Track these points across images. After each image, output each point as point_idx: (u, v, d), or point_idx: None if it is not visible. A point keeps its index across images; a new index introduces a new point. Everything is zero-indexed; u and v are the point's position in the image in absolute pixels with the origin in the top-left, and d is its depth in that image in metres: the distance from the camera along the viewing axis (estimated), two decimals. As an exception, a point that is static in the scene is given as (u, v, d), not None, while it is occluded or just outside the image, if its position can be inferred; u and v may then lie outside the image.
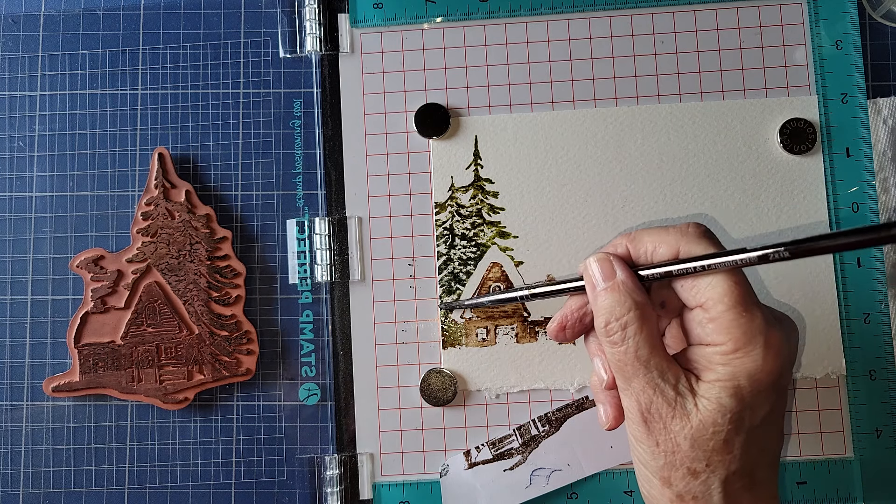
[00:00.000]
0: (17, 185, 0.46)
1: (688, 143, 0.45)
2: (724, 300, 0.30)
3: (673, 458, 0.31)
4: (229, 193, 0.46)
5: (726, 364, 0.30)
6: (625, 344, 0.32)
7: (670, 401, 0.31)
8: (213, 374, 0.44)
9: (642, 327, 0.32)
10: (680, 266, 0.31)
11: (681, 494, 0.31)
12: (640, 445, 0.32)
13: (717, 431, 0.30)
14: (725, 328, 0.30)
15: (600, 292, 0.33)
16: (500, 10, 0.45)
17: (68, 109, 0.46)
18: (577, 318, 0.36)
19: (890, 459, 0.42)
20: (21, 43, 0.47)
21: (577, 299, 0.36)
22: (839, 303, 0.43)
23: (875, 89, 0.45)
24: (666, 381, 0.31)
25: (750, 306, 0.31)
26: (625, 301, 0.32)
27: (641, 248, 0.33)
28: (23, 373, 0.45)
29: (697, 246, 0.32)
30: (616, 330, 0.32)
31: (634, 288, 0.32)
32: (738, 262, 0.30)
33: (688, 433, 0.31)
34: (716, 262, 0.31)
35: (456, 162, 0.45)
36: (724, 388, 0.30)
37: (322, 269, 0.45)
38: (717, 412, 0.30)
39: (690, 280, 0.32)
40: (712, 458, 0.31)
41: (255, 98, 0.46)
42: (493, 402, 0.44)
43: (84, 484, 0.44)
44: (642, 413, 0.31)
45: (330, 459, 0.44)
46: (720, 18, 0.45)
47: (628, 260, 0.34)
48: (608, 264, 0.33)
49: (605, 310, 0.32)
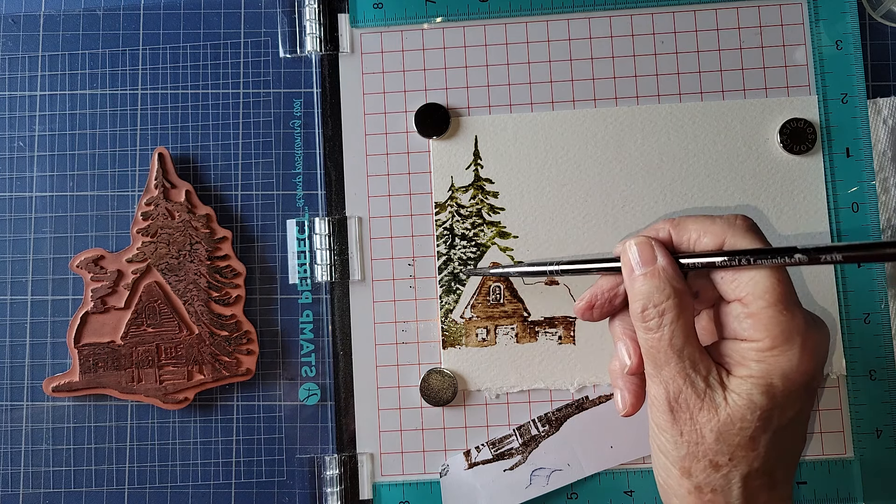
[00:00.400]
0: (17, 185, 0.46)
1: (688, 143, 0.45)
2: (766, 297, 0.30)
3: (696, 448, 0.31)
4: (229, 193, 0.46)
5: (761, 361, 0.30)
6: (660, 331, 0.31)
7: (700, 392, 0.31)
8: (213, 374, 0.44)
9: (679, 315, 0.31)
10: (725, 258, 0.31)
11: (700, 486, 0.31)
12: (662, 434, 0.32)
13: (744, 427, 0.30)
14: (764, 325, 0.30)
15: (638, 277, 0.32)
16: (500, 10, 0.45)
17: (68, 109, 0.46)
18: (606, 299, 0.35)
19: (890, 459, 0.42)
20: (21, 43, 0.47)
21: (608, 279, 0.35)
22: (839, 303, 0.43)
23: (875, 89, 0.45)
24: (697, 371, 0.31)
25: (791, 305, 0.30)
26: (664, 288, 0.32)
27: (685, 235, 0.33)
28: (23, 373, 0.45)
29: (744, 239, 0.31)
30: (653, 316, 0.32)
31: (675, 275, 0.32)
32: (787, 260, 0.30)
33: (714, 426, 0.30)
34: (765, 259, 0.30)
35: (456, 162, 0.45)
36: (757, 384, 0.30)
37: (322, 269, 0.45)
38: (746, 408, 0.30)
39: (731, 273, 0.31)
40: (736, 452, 0.31)
41: (255, 98, 0.46)
42: (493, 402, 0.44)
43: (84, 484, 0.44)
44: (669, 402, 0.31)
45: (330, 459, 0.44)
46: (720, 18, 0.45)
47: (669, 245, 0.33)
48: (649, 248, 0.32)
49: (643, 295, 0.32)
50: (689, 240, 0.33)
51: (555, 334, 0.44)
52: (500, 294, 0.44)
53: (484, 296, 0.44)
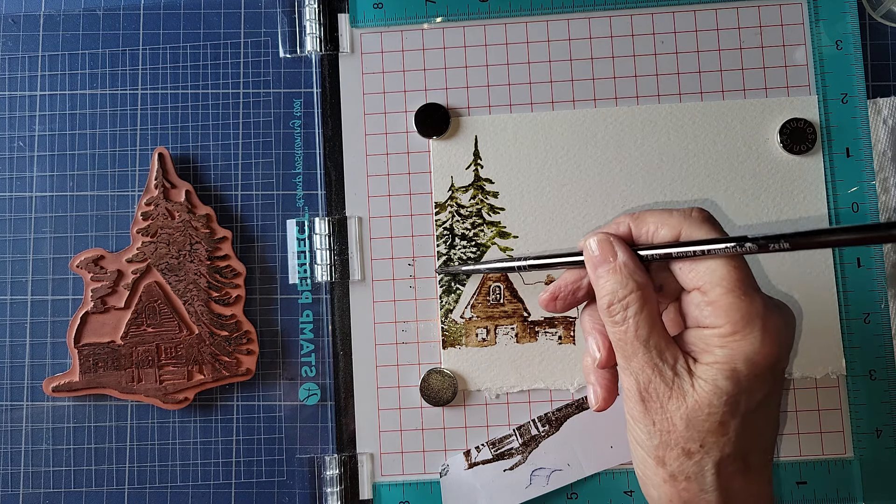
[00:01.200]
0: (17, 185, 0.46)
1: (688, 143, 0.45)
2: (723, 283, 0.31)
3: (668, 437, 0.31)
4: (229, 193, 0.46)
5: (724, 346, 0.31)
6: (625, 324, 0.32)
7: (668, 381, 0.31)
8: (213, 374, 0.44)
9: (643, 307, 0.32)
10: (680, 249, 0.32)
11: (674, 474, 0.32)
12: (636, 425, 0.32)
13: (712, 413, 0.31)
14: (724, 311, 0.30)
15: (602, 273, 0.33)
16: (500, 10, 0.45)
17: (68, 109, 0.46)
18: (569, 291, 0.36)
19: (890, 459, 0.42)
20: (21, 43, 0.47)
21: (572, 273, 0.36)
22: (839, 303, 0.43)
23: (875, 89, 0.45)
24: (664, 360, 0.32)
25: (749, 290, 0.31)
26: (627, 283, 0.32)
27: (643, 227, 0.33)
28: (23, 373, 0.45)
29: (699, 230, 0.32)
30: (618, 311, 0.32)
31: (636, 269, 0.33)
32: (738, 249, 0.30)
33: (683, 413, 0.31)
34: (716, 247, 0.31)
35: (456, 162, 0.45)
36: (721, 370, 0.30)
37: (322, 269, 0.45)
38: (712, 394, 0.30)
39: (689, 263, 0.32)
40: (707, 439, 0.31)
41: (255, 98, 0.46)
42: (493, 402, 0.44)
43: (84, 484, 0.44)
44: (640, 392, 0.32)
45: (330, 459, 0.44)
46: (720, 18, 0.45)
47: (629, 239, 0.34)
48: (608, 245, 0.33)
49: (607, 291, 0.33)
50: (648, 232, 0.33)
51: (555, 334, 0.44)
52: (500, 294, 0.44)
53: (484, 296, 0.45)
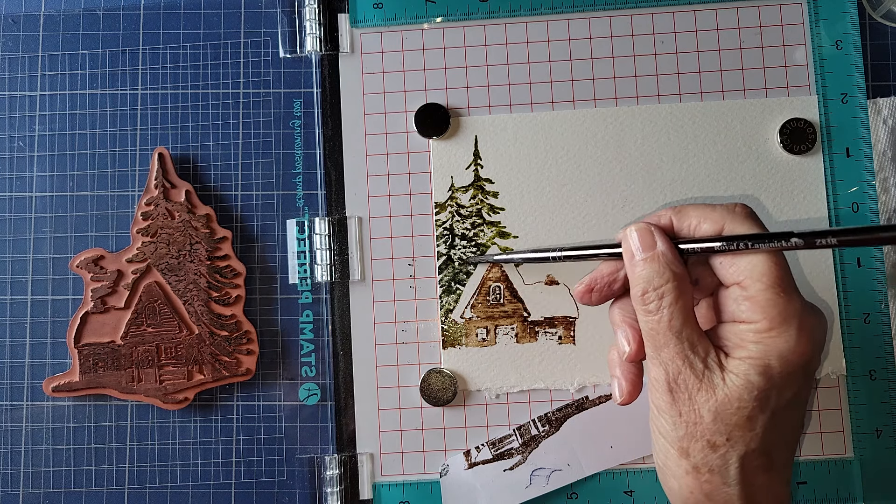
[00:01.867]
0: (17, 185, 0.46)
1: (688, 143, 0.45)
2: (764, 279, 0.31)
3: (694, 429, 0.31)
4: (229, 193, 0.46)
5: (758, 342, 0.31)
6: (659, 313, 0.32)
7: (698, 373, 0.31)
8: (213, 374, 0.44)
9: (678, 298, 0.32)
10: (724, 243, 0.32)
11: (697, 466, 0.32)
12: (661, 416, 0.32)
13: (741, 407, 0.31)
14: (762, 307, 0.31)
15: (639, 262, 0.33)
16: (500, 10, 0.45)
17: (68, 109, 0.46)
18: (606, 283, 0.36)
19: (890, 459, 0.42)
20: (21, 43, 0.47)
21: (609, 265, 0.36)
22: (839, 303, 0.43)
23: (875, 89, 0.45)
24: (696, 353, 0.32)
25: (788, 289, 0.31)
26: (664, 272, 0.32)
27: (686, 221, 0.33)
28: (23, 373, 0.45)
29: (742, 226, 0.32)
30: (652, 299, 0.32)
31: (674, 260, 0.33)
32: (784, 244, 0.31)
33: (712, 406, 0.31)
34: (762, 243, 0.31)
35: (456, 162, 0.45)
36: (754, 365, 0.31)
37: (322, 269, 0.45)
38: (743, 388, 0.31)
39: (730, 258, 0.32)
40: (734, 433, 0.31)
41: (255, 98, 0.46)
42: (493, 402, 0.44)
43: (84, 484, 0.44)
44: (669, 383, 0.32)
45: (330, 459, 0.44)
46: (720, 18, 0.45)
47: (670, 232, 0.34)
48: (649, 235, 0.33)
49: (643, 279, 0.33)
50: (690, 226, 0.33)
51: (555, 334, 0.44)
52: (500, 294, 0.44)
53: (484, 296, 0.44)
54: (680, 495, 0.33)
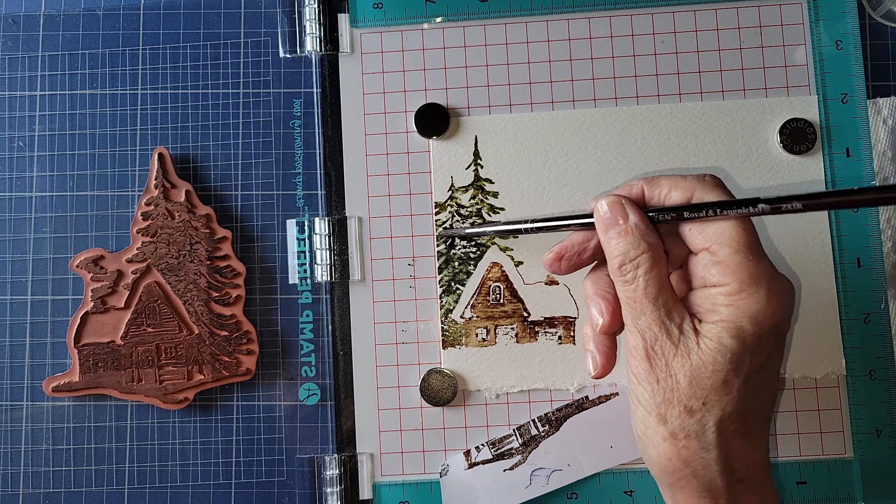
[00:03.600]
0: (17, 185, 0.46)
1: (688, 143, 0.45)
2: (732, 244, 0.31)
3: (671, 395, 0.32)
4: (229, 193, 0.46)
5: (729, 305, 0.31)
6: (636, 282, 0.33)
7: (674, 339, 0.32)
8: (213, 374, 0.44)
9: (653, 267, 0.33)
10: (693, 209, 0.32)
11: (675, 432, 0.32)
12: (640, 384, 0.33)
13: (716, 370, 0.31)
14: (731, 270, 0.31)
15: (613, 235, 0.34)
16: (500, 10, 0.45)
17: (68, 109, 0.46)
18: (576, 252, 0.37)
19: (890, 459, 0.42)
20: (21, 43, 0.47)
21: (579, 234, 0.37)
22: (839, 303, 0.43)
23: (875, 89, 0.45)
24: (672, 319, 0.32)
25: (756, 253, 0.32)
26: (639, 243, 0.33)
27: (656, 190, 0.34)
28: (23, 373, 0.45)
29: (711, 194, 0.33)
30: (629, 269, 0.33)
31: (647, 230, 0.33)
32: (751, 209, 0.31)
33: (687, 370, 0.31)
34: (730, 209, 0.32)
35: (456, 162, 0.45)
36: (727, 328, 0.31)
37: (322, 269, 0.45)
38: (717, 351, 0.31)
39: (700, 225, 0.33)
40: (710, 396, 0.31)
41: (255, 98, 0.46)
42: (493, 402, 0.44)
43: (84, 484, 0.44)
44: (647, 350, 0.32)
45: (330, 459, 0.44)
46: (720, 18, 0.45)
47: (640, 201, 0.35)
48: (619, 206, 0.34)
49: (619, 252, 0.33)
50: (661, 195, 0.34)
51: (555, 334, 0.44)
52: (500, 294, 0.44)
53: (484, 296, 0.45)
54: (658, 462, 0.33)
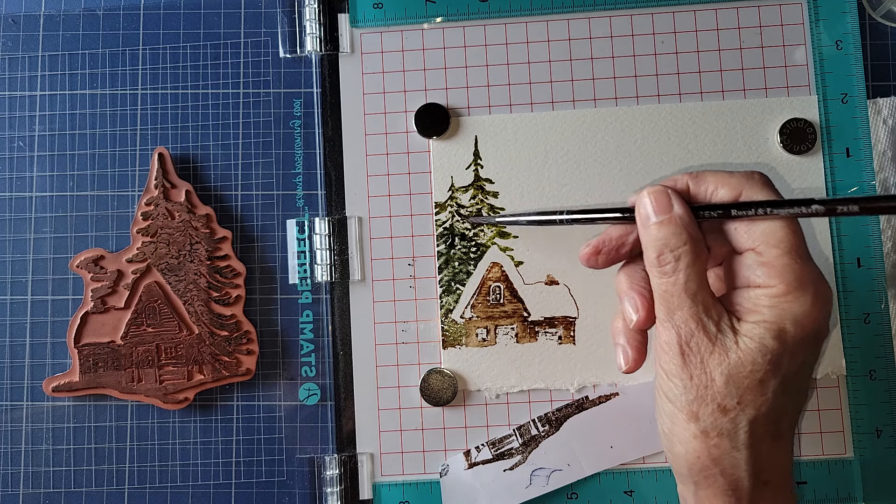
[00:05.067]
0: (17, 185, 0.46)
1: (688, 143, 0.45)
2: (781, 245, 0.31)
3: (705, 392, 0.31)
4: (229, 193, 0.46)
5: (773, 307, 0.31)
6: (675, 275, 0.32)
7: (711, 336, 0.31)
8: (213, 374, 0.44)
9: (695, 261, 0.32)
10: (741, 208, 0.32)
11: (706, 430, 0.32)
12: (671, 380, 0.32)
13: (754, 370, 0.31)
14: (778, 272, 0.31)
15: (654, 224, 0.33)
16: (500, 10, 0.45)
17: (68, 109, 0.46)
18: (613, 247, 0.36)
19: (890, 459, 0.43)
20: (21, 43, 0.47)
21: (618, 228, 0.36)
22: (839, 303, 0.43)
23: (875, 89, 0.45)
24: (709, 316, 0.32)
25: (804, 255, 0.31)
26: (681, 233, 0.32)
27: (702, 186, 0.33)
28: (23, 373, 0.45)
29: (760, 192, 0.32)
30: (669, 261, 0.32)
31: (691, 223, 0.33)
32: (804, 210, 0.31)
33: (724, 369, 0.31)
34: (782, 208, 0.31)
35: (456, 162, 0.45)
36: (769, 329, 0.31)
37: (322, 269, 0.45)
38: (757, 352, 0.31)
39: (747, 224, 0.32)
40: (745, 396, 0.31)
41: (255, 98, 0.46)
42: (493, 402, 0.44)
43: (84, 484, 0.44)
44: (681, 345, 0.32)
45: (330, 459, 0.44)
46: (720, 18, 0.45)
47: (686, 196, 0.34)
48: (665, 197, 0.33)
49: (659, 241, 0.33)
50: (707, 191, 0.33)
51: (555, 334, 0.44)
52: (500, 294, 0.44)
53: (484, 296, 0.45)
54: (686, 460, 0.32)
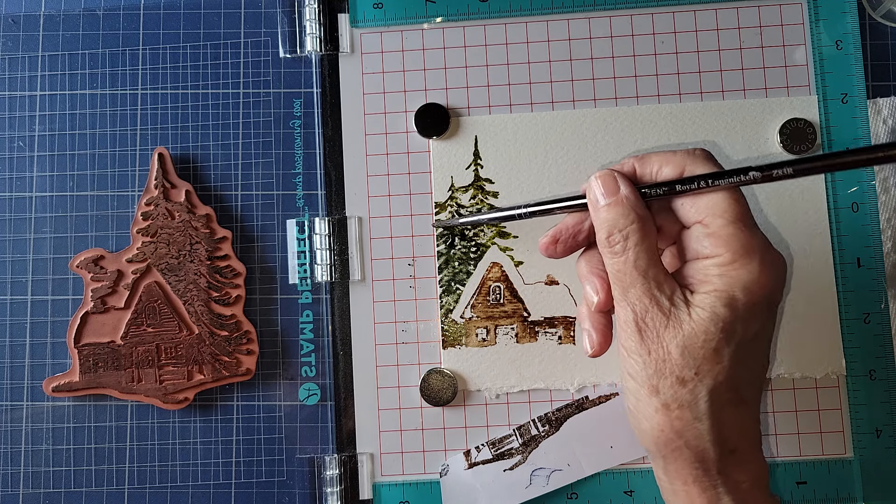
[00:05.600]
0: (17, 185, 0.46)
1: (688, 143, 0.45)
2: (725, 215, 0.32)
3: (663, 366, 0.32)
4: (229, 193, 0.46)
5: (722, 275, 0.32)
6: (625, 254, 0.33)
7: (665, 310, 0.32)
8: (213, 374, 0.44)
9: (643, 239, 0.33)
10: (684, 183, 0.33)
11: (667, 403, 0.32)
12: (631, 357, 0.33)
13: (707, 340, 0.31)
14: (724, 241, 0.32)
15: (603, 207, 0.34)
16: (500, 10, 0.45)
17: (68, 109, 0.46)
18: (570, 234, 0.37)
19: (890, 459, 0.42)
20: (21, 43, 0.47)
21: (574, 217, 0.37)
22: (839, 303, 0.43)
23: (875, 89, 0.45)
24: (662, 291, 0.32)
25: (749, 224, 0.32)
26: (628, 213, 0.33)
27: (648, 167, 0.34)
28: (23, 373, 0.45)
29: (703, 167, 0.33)
30: (618, 241, 0.33)
31: (637, 203, 0.33)
32: (742, 178, 0.32)
33: (679, 341, 0.32)
34: (721, 179, 0.32)
35: (456, 162, 0.45)
36: (719, 297, 0.31)
37: (322, 269, 0.45)
38: (709, 321, 0.31)
39: (692, 198, 0.33)
40: (702, 366, 0.31)
41: (255, 98, 0.46)
42: (493, 402, 0.44)
43: (84, 484, 0.44)
44: (637, 322, 0.32)
45: (330, 459, 0.44)
46: (720, 18, 0.45)
47: (633, 178, 0.35)
48: (612, 180, 0.34)
49: (608, 222, 0.33)
50: (652, 171, 0.34)
51: (555, 334, 0.44)
52: (500, 294, 0.44)
53: (484, 296, 0.45)
54: (651, 435, 0.33)
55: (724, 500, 0.32)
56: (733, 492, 0.32)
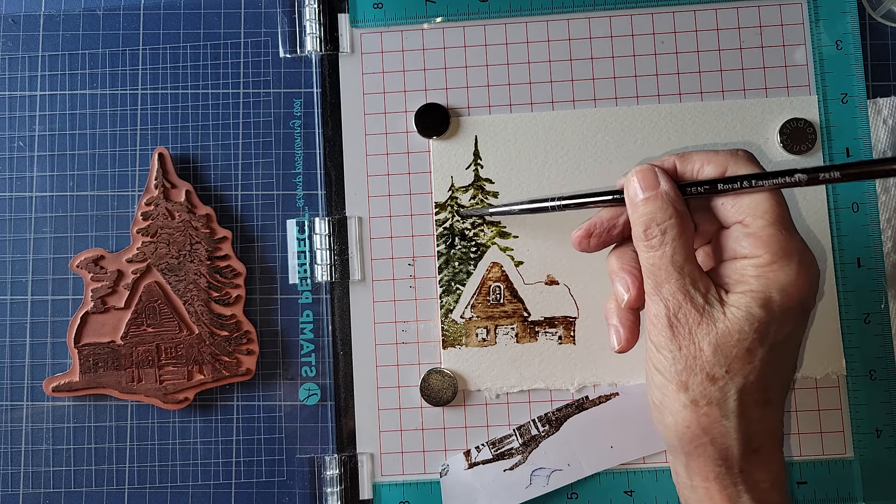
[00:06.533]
0: (17, 185, 0.46)
1: (688, 143, 0.45)
2: (766, 217, 0.32)
3: (693, 362, 0.32)
4: (229, 193, 0.46)
5: (759, 276, 0.32)
6: (662, 248, 0.33)
7: (699, 307, 0.32)
8: (213, 374, 0.44)
9: (681, 234, 0.33)
10: (727, 182, 0.32)
11: (696, 399, 0.32)
12: (661, 352, 0.33)
13: (741, 339, 0.31)
14: (764, 242, 0.32)
15: (642, 200, 0.34)
16: (500, 10, 0.45)
17: (68, 109, 0.46)
18: (605, 229, 0.36)
19: (890, 459, 0.43)
20: (21, 43, 0.47)
21: (609, 211, 0.36)
22: (839, 303, 0.43)
23: (875, 89, 0.45)
24: (696, 288, 0.32)
25: (789, 226, 0.32)
26: (667, 208, 0.33)
27: (689, 165, 0.34)
28: (23, 373, 0.45)
29: (745, 168, 0.33)
30: (655, 234, 0.33)
31: (677, 198, 0.33)
32: (787, 180, 0.31)
33: (712, 339, 0.32)
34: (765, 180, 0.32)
35: (456, 162, 0.45)
36: (756, 298, 0.31)
37: (322, 269, 0.45)
38: (744, 320, 0.31)
39: (733, 198, 0.33)
40: (733, 364, 0.31)
41: (255, 98, 0.46)
42: (493, 402, 0.44)
43: (84, 484, 0.44)
44: (669, 318, 0.32)
45: (330, 459, 0.44)
46: (720, 18, 0.45)
47: (673, 175, 0.34)
48: (652, 174, 0.34)
49: (646, 216, 0.33)
50: (693, 170, 0.34)
51: (555, 334, 0.44)
52: (500, 294, 0.44)
53: (484, 296, 0.45)
54: (676, 430, 0.33)
55: (743, 498, 0.32)
56: (753, 490, 0.32)
